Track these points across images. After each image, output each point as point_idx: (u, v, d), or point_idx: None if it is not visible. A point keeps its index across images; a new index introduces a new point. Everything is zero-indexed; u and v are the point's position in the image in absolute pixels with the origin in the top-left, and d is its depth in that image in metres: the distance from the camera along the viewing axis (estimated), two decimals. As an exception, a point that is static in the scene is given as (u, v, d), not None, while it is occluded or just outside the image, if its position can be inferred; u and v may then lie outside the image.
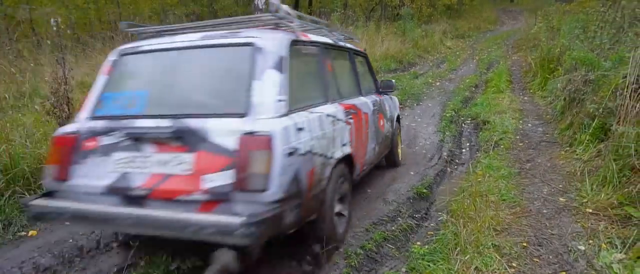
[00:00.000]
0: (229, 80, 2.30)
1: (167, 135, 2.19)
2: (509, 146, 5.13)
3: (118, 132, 2.30)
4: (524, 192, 3.86)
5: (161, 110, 2.32)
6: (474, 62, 11.97)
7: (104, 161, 2.29)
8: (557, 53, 7.65)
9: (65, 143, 2.38)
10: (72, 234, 3.31)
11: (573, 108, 5.41)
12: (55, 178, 2.37)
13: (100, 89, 2.55)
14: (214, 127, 2.14)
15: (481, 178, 4.08)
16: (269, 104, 2.20)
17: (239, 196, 2.04)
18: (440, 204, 3.84)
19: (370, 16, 15.75)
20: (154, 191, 2.17)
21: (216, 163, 2.09)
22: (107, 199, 2.23)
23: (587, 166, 4.14)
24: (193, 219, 1.97)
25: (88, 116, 2.48)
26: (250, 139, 2.06)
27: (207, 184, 2.10)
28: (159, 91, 2.40)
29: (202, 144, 2.14)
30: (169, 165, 2.18)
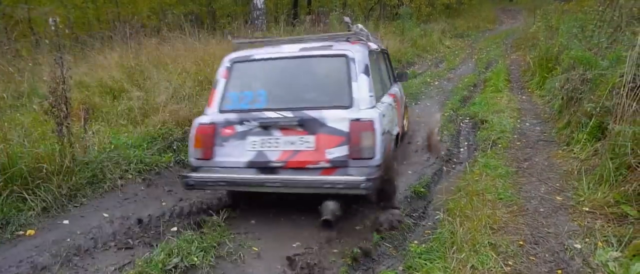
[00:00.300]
0: (333, 82, 3.27)
1: (294, 123, 3.12)
2: (506, 145, 5.14)
3: (250, 122, 3.20)
4: (521, 191, 3.87)
5: (281, 105, 3.23)
6: (472, 61, 11.98)
7: (241, 144, 3.20)
8: (555, 52, 7.66)
9: (206, 131, 3.25)
10: (71, 233, 3.36)
11: (571, 107, 5.43)
12: (201, 158, 3.26)
13: (222, 89, 3.43)
14: (329, 116, 3.10)
15: (478, 177, 4.10)
16: (365, 98, 3.18)
17: (352, 163, 3.03)
18: (438, 202, 3.84)
19: (369, 15, 15.76)
20: (287, 162, 3.11)
21: (334, 141, 3.05)
22: (247, 170, 3.16)
23: (584, 164, 4.15)
24: (329, 179, 2.94)
25: (217, 110, 3.38)
26: (359, 124, 3.03)
27: (329, 156, 3.06)
28: (275, 90, 3.34)
29: (320, 128, 3.09)
30: (296, 144, 3.11)
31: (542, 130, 5.69)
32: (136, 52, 7.29)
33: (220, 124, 3.30)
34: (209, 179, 3.17)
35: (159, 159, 4.58)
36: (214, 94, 3.49)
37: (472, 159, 4.75)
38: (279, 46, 3.57)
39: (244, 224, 3.52)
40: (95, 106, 5.63)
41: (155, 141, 4.89)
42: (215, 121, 3.33)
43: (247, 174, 3.15)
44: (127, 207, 3.84)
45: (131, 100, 5.74)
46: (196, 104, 5.69)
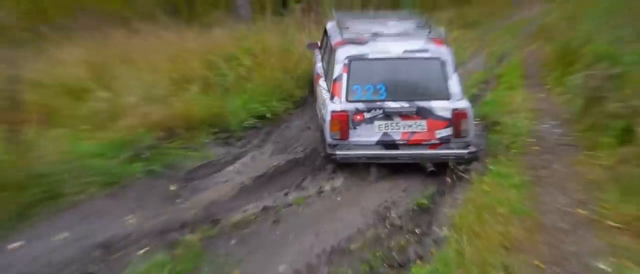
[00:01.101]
0: (434, 79, 4.69)
1: (412, 111, 4.56)
2: (521, 150, 5.12)
3: (376, 110, 4.58)
4: (538, 203, 3.85)
5: (398, 97, 4.62)
6: (483, 54, 11.96)
7: (370, 127, 4.61)
8: (576, 45, 7.65)
9: (342, 117, 4.58)
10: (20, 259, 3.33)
11: (594, 107, 5.41)
12: (339, 138, 4.63)
13: (346, 82, 4.69)
14: (436, 105, 4.59)
15: (489, 188, 4.08)
16: (458, 92, 4.66)
17: (454, 140, 4.61)
18: (443, 217, 3.85)
19: (367, 3, 15.71)
20: (408, 140, 4.61)
21: (441, 125, 4.58)
22: (376, 147, 4.63)
23: (610, 173, 4.13)
24: (444, 152, 4.60)
25: (345, 100, 4.65)
26: (459, 112, 4.56)
27: (438, 135, 4.60)
28: (391, 84, 4.67)
29: (430, 115, 4.57)
30: (412, 127, 4.61)
31: (562, 133, 5.68)
32: (101, 46, 7.23)
33: (351, 111, 4.63)
34: (353, 155, 4.66)
35: (126, 170, 4.57)
36: (339, 86, 4.74)
37: (483, 167, 4.75)
38: (384, 44, 4.85)
39: (223, 245, 3.58)
40: (54, 109, 5.53)
41: (122, 148, 4.87)
42: (347, 109, 4.63)
43: (376, 150, 4.67)
44: (89, 226, 3.76)
45: (96, 102, 5.68)
46: (171, 106, 5.72)
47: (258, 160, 5.32)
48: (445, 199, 4.36)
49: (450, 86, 4.70)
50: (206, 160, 5.17)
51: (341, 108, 4.66)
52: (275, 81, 7.00)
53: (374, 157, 4.72)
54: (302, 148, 5.57)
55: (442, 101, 4.66)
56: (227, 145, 5.63)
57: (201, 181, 4.78)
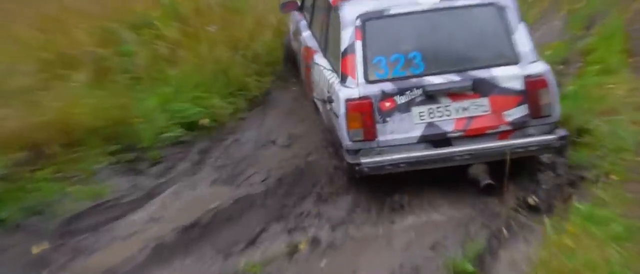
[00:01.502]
0: (490, 36, 5.05)
1: (467, 86, 4.84)
2: (627, 177, 5.10)
3: (412, 91, 4.84)
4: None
5: (442, 67, 4.95)
6: (560, 15, 12.05)
7: (407, 117, 4.88)
8: None
9: (363, 107, 4.84)
10: None
11: None
12: (362, 139, 4.87)
13: (362, 54, 5.00)
14: (500, 74, 4.87)
15: (573, 241, 4.08)
16: (530, 51, 4.98)
17: (533, 123, 4.86)
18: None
19: None
20: (466, 131, 4.85)
21: (510, 102, 4.84)
22: (419, 146, 4.89)
23: None
24: (520, 142, 4.87)
25: (364, 81, 4.95)
26: (534, 80, 4.82)
27: (509, 118, 4.84)
28: (430, 51, 4.99)
29: (493, 89, 4.84)
30: (469, 110, 4.87)
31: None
32: None
33: (376, 96, 4.89)
34: (387, 162, 4.85)
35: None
36: (351, 60, 5.03)
37: (562, 206, 4.83)
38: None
39: None
40: None
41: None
42: (369, 94, 4.89)
43: (420, 150, 4.93)
44: None
45: None
46: (40, 108, 5.76)
47: (186, 198, 5.34)
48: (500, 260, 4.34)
49: (517, 42, 5.02)
50: (98, 199, 5.19)
51: (360, 93, 4.94)
52: (218, 64, 7.08)
53: (418, 162, 4.94)
54: (261, 177, 5.64)
55: (509, 67, 5.01)
56: (135, 173, 5.68)
57: (88, 236, 4.78)
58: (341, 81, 5.09)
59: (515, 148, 4.88)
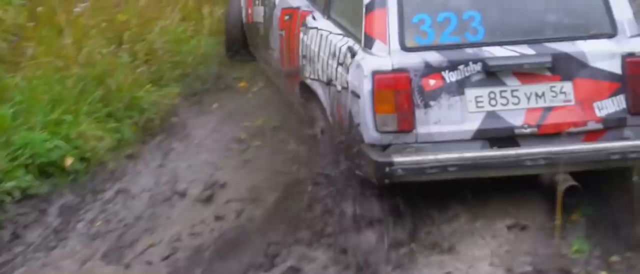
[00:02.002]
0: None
1: (544, 64, 5.24)
2: None
3: (468, 65, 5.23)
4: None
5: (510, 36, 5.39)
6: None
7: (458, 102, 5.25)
8: None
9: (397, 84, 5.20)
10: None
11: None
12: (394, 130, 5.18)
13: (398, 9, 5.32)
14: (591, 50, 5.27)
15: None
16: (631, 20, 5.38)
17: (631, 121, 5.22)
18: None
19: None
20: (540, 127, 5.23)
21: (604, 89, 5.23)
22: (474, 143, 5.25)
23: None
24: (612, 146, 5.20)
25: (399, 47, 5.28)
26: (638, 61, 5.21)
27: (600, 112, 5.22)
28: (493, 10, 5.44)
29: (580, 70, 5.25)
30: (545, 97, 5.25)
31: None
32: None
33: (416, 70, 5.22)
34: (431, 164, 5.12)
35: None
36: (380, 18, 5.35)
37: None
38: None
39: None
40: None
41: None
42: (406, 66, 5.21)
43: (476, 150, 5.28)
44: None
45: None
46: None
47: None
48: None
49: (615, 7, 5.44)
50: None
51: (394, 65, 5.26)
52: (89, 66, 7.13)
53: (476, 167, 5.26)
54: (163, 251, 5.70)
55: (602, 40, 5.43)
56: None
57: None
58: (365, 46, 5.35)
59: (609, 155, 5.19)
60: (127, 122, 7.02)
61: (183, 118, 7.35)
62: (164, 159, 6.84)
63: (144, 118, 7.14)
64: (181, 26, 8.13)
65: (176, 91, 7.55)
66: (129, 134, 6.97)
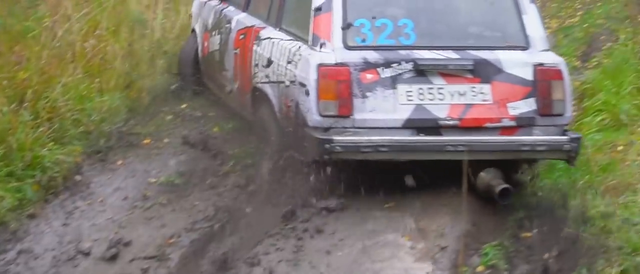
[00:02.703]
0: (497, 13, 6.70)
1: (466, 67, 6.27)
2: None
3: (401, 64, 6.20)
4: None
5: (438, 42, 6.42)
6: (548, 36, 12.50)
7: (391, 95, 6.21)
8: None
9: (339, 75, 6.14)
10: None
11: None
12: (334, 114, 6.13)
13: (342, 13, 6.30)
14: (506, 58, 6.37)
15: None
16: (541, 37, 6.56)
17: (541, 121, 6.41)
18: None
19: None
20: (462, 120, 6.27)
21: (517, 92, 6.33)
22: (404, 131, 6.25)
23: None
24: (528, 140, 6.41)
25: (342, 45, 6.28)
26: (546, 71, 6.38)
27: (514, 112, 6.34)
28: (423, 19, 6.47)
29: (497, 75, 6.31)
30: (466, 96, 6.28)
31: None
32: None
33: (356, 65, 6.23)
34: (366, 144, 6.11)
35: None
36: (326, 20, 6.35)
37: None
38: None
39: None
40: None
41: None
42: (348, 61, 6.22)
43: (405, 135, 6.27)
44: None
45: None
46: None
47: None
48: None
49: (528, 24, 6.54)
50: None
51: (336, 59, 6.28)
52: None
53: (404, 149, 6.27)
54: None
55: (517, 51, 6.54)
56: None
57: None
58: (312, 45, 6.40)
59: (520, 147, 6.32)
60: (28, 181, 6.89)
61: (87, 176, 7.27)
62: (68, 218, 6.75)
63: (47, 177, 7.03)
64: (85, 82, 8.03)
65: (80, 148, 7.47)
66: (31, 193, 6.84)
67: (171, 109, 9.00)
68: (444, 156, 6.21)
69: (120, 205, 6.90)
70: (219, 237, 6.20)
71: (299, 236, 5.97)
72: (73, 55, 8.27)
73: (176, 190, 7.08)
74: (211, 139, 8.02)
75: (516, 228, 6.57)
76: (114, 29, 9.29)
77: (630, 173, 7.07)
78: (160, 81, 9.25)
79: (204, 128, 8.43)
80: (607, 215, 6.26)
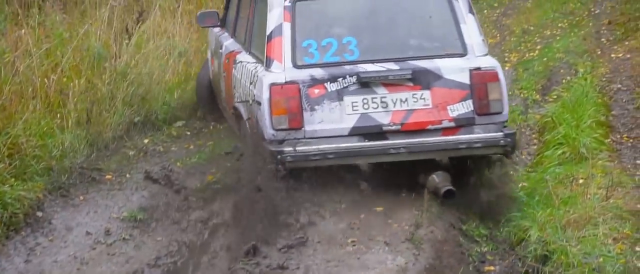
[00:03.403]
0: (436, 24, 7.52)
1: (405, 76, 7.06)
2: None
3: (345, 78, 6.99)
4: None
5: (379, 55, 7.25)
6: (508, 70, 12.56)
7: (338, 106, 6.97)
8: None
9: (288, 92, 6.90)
10: None
11: None
12: (286, 128, 6.87)
13: (291, 36, 7.05)
14: (444, 65, 7.16)
15: None
16: (479, 43, 7.32)
17: (479, 120, 7.17)
18: None
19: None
20: (403, 124, 7.07)
21: (455, 96, 7.11)
22: (352, 139, 7.04)
23: None
24: (465, 138, 7.23)
25: (291, 65, 7.04)
26: (483, 74, 7.14)
27: (453, 113, 7.12)
28: (367, 36, 7.33)
29: (436, 81, 7.10)
30: (408, 102, 7.05)
31: None
32: None
33: (304, 82, 6.92)
34: (314, 152, 6.78)
35: None
36: (277, 44, 7.06)
37: None
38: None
39: None
40: None
41: None
42: (296, 79, 6.91)
43: (352, 142, 6.91)
44: None
45: None
46: None
47: None
48: None
49: (466, 33, 7.21)
50: None
51: (286, 78, 7.00)
52: None
53: (349, 154, 7.01)
54: None
55: (454, 58, 7.19)
56: None
57: None
58: (266, 66, 7.11)
59: (457, 145, 7.07)
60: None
61: (48, 212, 7.22)
62: (30, 254, 6.71)
63: (8, 213, 6.96)
64: (46, 118, 8.01)
65: (41, 184, 7.42)
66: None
67: (134, 144, 9.01)
68: (387, 158, 7.04)
69: (82, 241, 6.85)
70: (182, 273, 6.15)
71: (263, 272, 5.92)
72: (34, 91, 8.21)
73: (139, 225, 7.05)
74: (174, 173, 8.00)
75: (479, 262, 6.66)
76: (76, 64, 9.25)
77: (591, 206, 7.09)
78: (123, 116, 9.21)
79: (166, 163, 8.40)
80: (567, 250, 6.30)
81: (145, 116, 9.72)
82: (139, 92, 9.79)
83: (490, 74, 7.03)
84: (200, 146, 9.37)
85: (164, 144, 9.29)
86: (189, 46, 12.28)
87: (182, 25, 12.91)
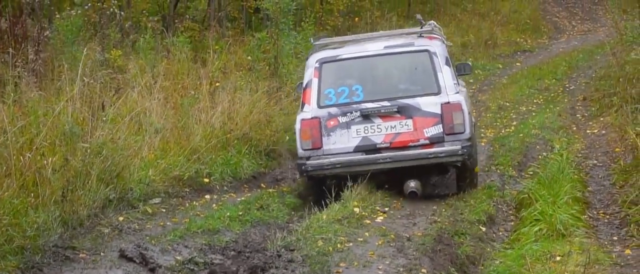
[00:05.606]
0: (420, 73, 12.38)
1: (393, 110, 11.82)
2: None
3: (352, 113, 11.79)
4: None
5: (378, 96, 12.06)
6: (482, 145, 12.64)
7: (346, 132, 11.76)
8: None
9: (312, 124, 11.80)
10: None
11: None
12: (311, 148, 11.75)
13: (317, 87, 11.87)
14: (423, 101, 12.01)
15: None
16: (451, 85, 12.02)
17: (448, 138, 11.93)
18: None
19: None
20: (392, 143, 11.96)
21: (430, 122, 11.87)
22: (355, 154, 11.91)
23: None
24: (432, 151, 11.97)
25: (316, 106, 11.86)
26: (450, 105, 11.85)
27: (427, 134, 12.00)
28: (369, 84, 12.24)
29: (416, 112, 11.93)
30: (396, 127, 11.89)
31: None
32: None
33: (323, 117, 11.03)
34: (325, 164, 10.86)
35: None
36: (309, 92, 11.27)
37: None
38: (362, 45, 11.89)
39: None
40: None
41: None
42: (318, 115, 11.04)
43: (354, 156, 11.02)
44: None
45: None
46: None
47: None
48: None
49: (441, 79, 10.64)
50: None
51: (312, 115, 10.74)
52: None
53: (350, 164, 10.60)
54: None
55: (430, 97, 10.63)
56: None
57: None
58: (301, 108, 10.88)
59: (428, 155, 10.56)
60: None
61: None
62: None
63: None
64: (20, 197, 7.95)
65: (14, 263, 7.36)
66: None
67: (109, 221, 8.97)
68: (378, 166, 10.70)
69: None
70: None
71: None
72: (8, 169, 8.18)
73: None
74: (149, 252, 7.94)
75: None
76: (51, 141, 9.27)
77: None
78: (98, 193, 9.20)
79: (141, 241, 8.36)
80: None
81: (121, 193, 9.64)
82: (115, 169, 9.69)
83: (456, 105, 10.46)
84: (175, 224, 9.32)
85: (139, 221, 9.22)
86: (166, 122, 12.44)
87: (159, 101, 13.29)
